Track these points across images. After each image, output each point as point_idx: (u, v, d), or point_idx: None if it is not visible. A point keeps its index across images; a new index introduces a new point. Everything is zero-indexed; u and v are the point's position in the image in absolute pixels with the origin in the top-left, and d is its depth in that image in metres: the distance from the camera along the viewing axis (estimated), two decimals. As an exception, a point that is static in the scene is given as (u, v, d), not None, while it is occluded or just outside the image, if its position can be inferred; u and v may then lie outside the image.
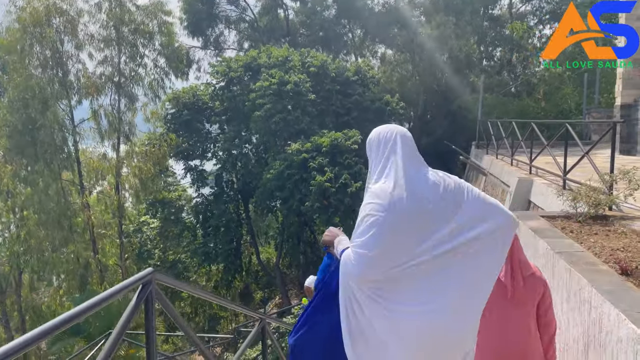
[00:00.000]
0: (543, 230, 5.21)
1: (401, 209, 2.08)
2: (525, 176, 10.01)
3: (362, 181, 15.32)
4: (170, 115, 20.42)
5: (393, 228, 2.07)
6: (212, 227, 19.33)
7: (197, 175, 20.79)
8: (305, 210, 14.99)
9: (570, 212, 5.90)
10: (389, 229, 2.07)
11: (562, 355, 4.08)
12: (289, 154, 16.08)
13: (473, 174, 18.07)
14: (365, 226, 2.10)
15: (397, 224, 2.08)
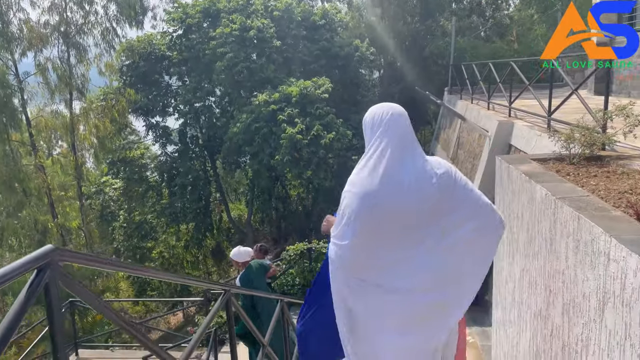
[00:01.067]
0: (538, 174, 4.70)
1: (377, 196, 2.06)
2: (504, 119, 9.53)
3: (335, 132, 14.66)
4: (125, 67, 19.00)
5: (369, 214, 2.06)
6: (179, 186, 18.47)
7: (160, 132, 19.68)
8: (276, 164, 14.28)
9: (563, 154, 5.40)
10: (365, 215, 2.06)
11: (568, 311, 3.64)
12: (255, 105, 15.16)
13: (446, 120, 17.60)
14: (341, 216, 2.12)
15: (373, 211, 2.05)
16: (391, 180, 2.08)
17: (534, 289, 4.46)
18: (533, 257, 4.47)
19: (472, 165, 11.76)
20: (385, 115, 2.21)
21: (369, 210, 2.06)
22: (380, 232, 2.07)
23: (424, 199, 2.10)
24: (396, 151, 2.14)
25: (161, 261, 20.09)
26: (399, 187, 2.08)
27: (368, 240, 2.08)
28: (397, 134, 2.18)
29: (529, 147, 7.85)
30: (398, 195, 2.08)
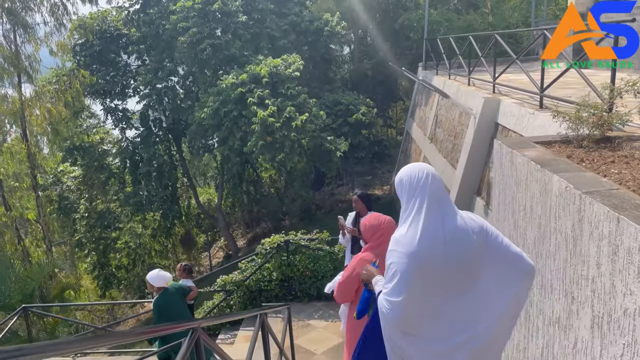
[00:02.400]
0: (550, 162, 4.13)
1: (423, 254, 2.28)
2: (490, 96, 8.98)
3: (307, 113, 13.89)
4: (78, 46, 17.60)
5: (417, 272, 2.28)
6: (143, 174, 17.39)
7: (120, 115, 18.46)
8: (248, 150, 13.44)
9: (570, 136, 4.86)
10: (412, 276, 2.28)
11: (600, 326, 3.11)
12: (222, 88, 14.17)
13: (422, 97, 17.05)
14: (391, 273, 2.34)
15: (420, 268, 2.28)
16: (433, 239, 2.30)
17: (549, 293, 3.93)
18: (547, 257, 3.93)
19: (453, 145, 11.25)
20: (421, 175, 2.42)
21: (416, 269, 2.27)
22: (427, 288, 2.29)
23: (464, 254, 2.33)
24: (435, 210, 2.35)
25: (127, 251, 19.11)
26: (441, 245, 2.30)
27: (417, 296, 2.29)
28: (435, 194, 2.39)
29: (519, 126, 7.33)
30: (441, 253, 2.30)
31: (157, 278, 5.57)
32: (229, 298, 8.40)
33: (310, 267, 8.25)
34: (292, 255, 8.31)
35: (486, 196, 8.43)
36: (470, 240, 2.34)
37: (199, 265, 22.73)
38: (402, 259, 2.28)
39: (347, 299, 3.97)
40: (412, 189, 2.41)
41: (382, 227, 3.81)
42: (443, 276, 2.29)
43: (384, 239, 3.65)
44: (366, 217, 3.92)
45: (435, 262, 2.27)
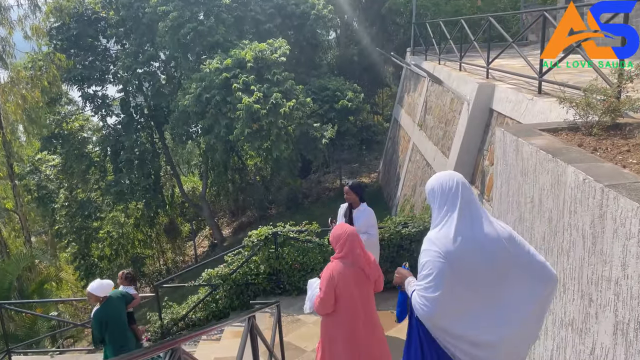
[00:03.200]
0: (562, 151, 3.84)
1: (457, 254, 2.39)
2: (483, 81, 8.68)
3: (294, 99, 13.45)
4: (55, 30, 16.82)
5: (450, 273, 2.39)
6: (125, 162, 16.81)
7: (100, 102, 17.77)
8: (234, 138, 12.96)
9: (578, 122, 4.57)
10: (447, 273, 2.38)
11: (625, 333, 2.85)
12: (206, 73, 13.63)
13: (410, 83, 16.72)
14: (427, 271, 2.43)
15: (453, 267, 2.39)
16: (465, 240, 2.42)
17: (561, 292, 3.66)
18: (560, 254, 3.66)
19: (444, 132, 10.97)
20: (452, 184, 2.56)
21: (450, 268, 2.38)
22: (461, 287, 2.40)
23: (494, 257, 2.44)
24: (467, 215, 2.48)
25: (109, 241, 18.58)
26: (474, 247, 2.43)
27: (451, 294, 2.39)
28: (466, 200, 2.53)
29: (517, 112, 7.04)
30: (474, 254, 2.42)
31: (100, 288, 5.40)
32: (215, 292, 8.06)
33: (300, 260, 7.94)
34: (281, 247, 7.98)
35: (480, 185, 8.17)
36: (500, 244, 2.47)
37: (184, 255, 22.31)
38: (437, 257, 2.40)
39: (329, 311, 4.05)
40: (445, 196, 2.55)
41: (342, 237, 4.01)
42: (474, 277, 2.42)
43: (349, 247, 3.98)
44: (334, 227, 4.21)
45: (467, 262, 2.40)
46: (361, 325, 4.08)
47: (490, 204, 7.58)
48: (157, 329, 8.06)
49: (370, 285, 4.14)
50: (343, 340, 4.09)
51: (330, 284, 3.98)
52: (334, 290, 3.98)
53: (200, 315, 8.10)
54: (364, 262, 4.02)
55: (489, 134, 8.23)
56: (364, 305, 4.09)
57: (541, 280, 2.55)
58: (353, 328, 4.07)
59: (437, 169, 10.81)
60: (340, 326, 4.07)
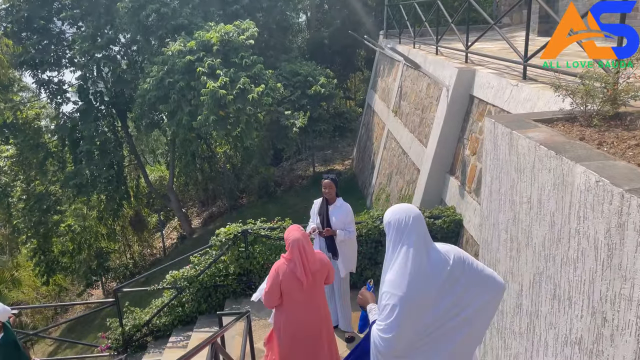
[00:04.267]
0: (565, 147, 3.40)
1: (412, 297, 2.59)
2: (463, 66, 8.25)
3: (264, 84, 12.77)
4: (3, 11, 15.57)
5: (407, 313, 2.59)
6: (84, 152, 15.82)
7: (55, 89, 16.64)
8: (198, 125, 12.21)
9: (575, 112, 4.16)
10: (404, 314, 2.58)
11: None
12: (168, 56, 12.78)
13: (384, 67, 16.23)
14: (386, 313, 2.62)
15: (410, 309, 2.60)
16: (420, 276, 2.63)
17: (565, 306, 3.26)
18: (564, 264, 3.25)
19: (420, 119, 10.54)
20: (408, 219, 2.73)
21: (409, 309, 2.59)
22: (417, 322, 2.63)
23: (445, 284, 2.69)
24: (421, 249, 2.70)
25: (71, 236, 17.62)
26: (427, 280, 2.65)
27: (408, 330, 2.62)
28: (420, 234, 2.72)
29: (500, 99, 6.64)
30: (427, 287, 2.64)
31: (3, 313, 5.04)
32: (181, 295, 7.48)
33: (272, 259, 7.41)
34: (251, 246, 7.44)
35: (461, 176, 7.78)
36: (453, 272, 2.71)
37: (152, 248, 21.48)
38: (395, 300, 2.58)
39: (274, 304, 4.46)
40: (401, 231, 2.70)
41: (289, 241, 4.40)
42: (431, 309, 2.63)
43: (292, 253, 4.36)
44: (288, 228, 4.55)
45: (423, 298, 2.61)
46: (307, 320, 4.45)
47: (472, 196, 7.21)
48: (118, 337, 7.45)
49: (317, 282, 4.46)
50: (290, 333, 4.47)
51: (275, 281, 4.32)
52: (279, 286, 4.32)
53: (166, 320, 7.53)
54: (301, 272, 4.31)
55: (469, 122, 7.82)
56: (308, 303, 4.43)
57: (492, 290, 2.86)
58: (299, 322, 4.44)
59: (414, 158, 10.40)
60: (287, 319, 4.45)
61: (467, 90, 7.89)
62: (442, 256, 2.73)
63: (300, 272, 4.29)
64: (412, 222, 2.71)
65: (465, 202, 7.32)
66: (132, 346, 7.46)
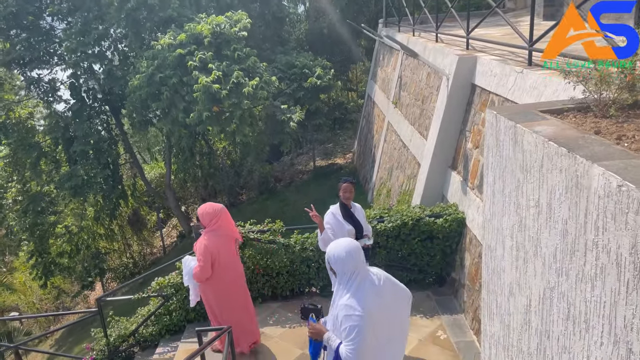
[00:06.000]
0: (578, 142, 2.92)
1: (369, 314, 3.14)
2: (464, 53, 7.72)
3: (258, 78, 12.26)
4: (-11, 7, 15.10)
5: (367, 328, 3.14)
6: (78, 153, 15.40)
7: (46, 87, 16.21)
8: (192, 122, 11.73)
9: (587, 101, 3.66)
10: (365, 330, 3.13)
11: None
12: (158, 50, 12.29)
13: (384, 57, 15.69)
14: (352, 334, 3.12)
15: (368, 325, 3.14)
16: (369, 296, 3.21)
17: (582, 329, 2.80)
18: (580, 281, 2.78)
19: (421, 110, 10.03)
20: (351, 251, 3.29)
21: (371, 324, 3.15)
22: (376, 334, 3.21)
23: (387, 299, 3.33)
24: (363, 274, 3.29)
25: (68, 237, 17.28)
26: (375, 299, 3.23)
27: (371, 343, 3.16)
28: (361, 261, 3.32)
29: (503, 87, 6.12)
30: (377, 305, 3.22)
31: None
32: (168, 303, 7.07)
33: (262, 264, 6.99)
34: (241, 250, 7.00)
35: (463, 170, 7.29)
36: (387, 288, 3.36)
37: (151, 247, 21.14)
38: (358, 320, 3.10)
39: (208, 276, 5.34)
40: (347, 262, 3.26)
41: (217, 213, 5.32)
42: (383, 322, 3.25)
43: (220, 223, 5.34)
44: (202, 206, 5.47)
45: (379, 314, 3.20)
46: (234, 280, 5.61)
47: (475, 193, 6.72)
48: (103, 347, 7.05)
49: (235, 246, 5.65)
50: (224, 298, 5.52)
51: (207, 254, 5.21)
52: (210, 258, 5.24)
53: (153, 330, 7.12)
54: (236, 231, 5.62)
55: (471, 113, 7.32)
56: (233, 265, 5.56)
57: (407, 302, 3.55)
58: (229, 284, 5.53)
59: (414, 151, 9.92)
60: (219, 286, 5.45)
61: (468, 79, 7.38)
62: (378, 277, 3.34)
63: (235, 232, 5.57)
64: (357, 252, 3.28)
65: (468, 199, 6.84)
66: (118, 357, 7.07)
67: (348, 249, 3.28)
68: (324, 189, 17.57)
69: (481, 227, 6.29)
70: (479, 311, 6.13)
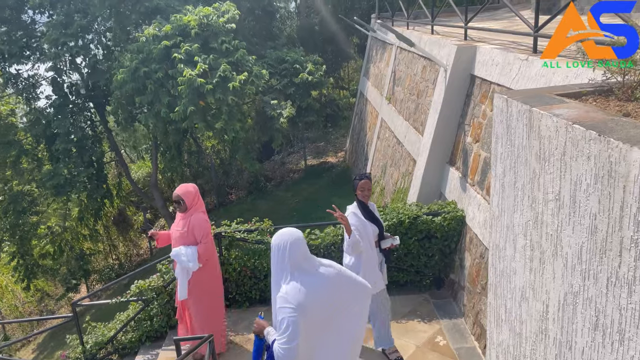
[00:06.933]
0: (608, 125, 2.53)
1: (306, 308, 3.04)
2: (462, 43, 7.35)
3: (247, 72, 11.82)
4: (-32, 0, 14.52)
5: (301, 321, 3.02)
6: (61, 151, 14.83)
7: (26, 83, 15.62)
8: (176, 117, 11.26)
9: (608, 84, 3.29)
10: (300, 325, 3.02)
11: None
12: (142, 43, 11.79)
13: (377, 52, 15.32)
14: (284, 326, 3.02)
15: (305, 320, 3.04)
16: (310, 289, 3.09)
17: (614, 341, 2.41)
18: (612, 285, 2.39)
19: (416, 105, 9.65)
20: (287, 243, 3.16)
21: (303, 318, 3.03)
22: (311, 330, 3.09)
23: (330, 293, 3.20)
24: (304, 265, 3.17)
25: (51, 238, 16.69)
26: (316, 292, 3.11)
27: (304, 338, 3.04)
28: (301, 253, 3.18)
29: (506, 77, 5.75)
30: (316, 299, 3.11)
31: None
32: (149, 308, 6.62)
33: (250, 265, 6.57)
34: (226, 251, 6.58)
35: (462, 166, 6.92)
36: (339, 281, 3.27)
37: (138, 248, 20.58)
38: (291, 312, 3.01)
39: (211, 254, 5.45)
40: (282, 253, 3.16)
41: (197, 192, 5.37)
42: (321, 317, 3.15)
43: (201, 202, 5.41)
44: (181, 186, 5.39)
45: (314, 308, 3.09)
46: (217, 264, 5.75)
47: (475, 189, 6.34)
48: (79, 355, 6.57)
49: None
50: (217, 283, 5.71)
51: (210, 231, 5.40)
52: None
53: (132, 336, 6.65)
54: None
55: (470, 106, 6.94)
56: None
57: (364, 296, 3.43)
58: (218, 267, 5.72)
59: (409, 148, 9.54)
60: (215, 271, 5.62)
61: (467, 70, 7.01)
62: (324, 268, 3.24)
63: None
64: (294, 244, 3.15)
65: (468, 196, 6.45)
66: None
67: (278, 236, 3.22)
68: (315, 188, 17.17)
69: (482, 226, 5.91)
70: (480, 315, 5.75)
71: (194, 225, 5.25)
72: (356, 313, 3.34)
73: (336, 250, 6.51)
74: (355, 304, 3.32)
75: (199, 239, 5.26)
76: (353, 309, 3.31)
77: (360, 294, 3.38)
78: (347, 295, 3.29)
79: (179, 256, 5.27)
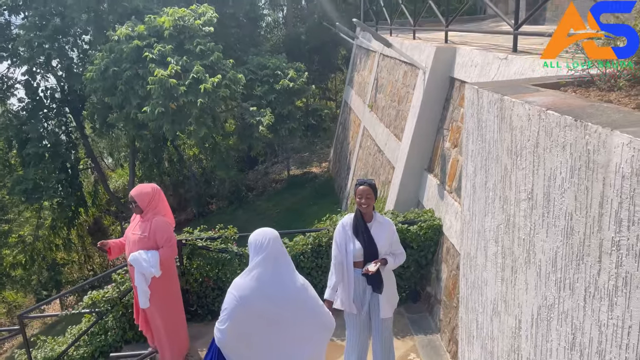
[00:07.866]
0: (586, 110, 2.19)
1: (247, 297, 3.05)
2: (442, 45, 7.06)
3: (221, 74, 11.44)
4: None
5: (241, 312, 3.05)
6: (31, 154, 14.28)
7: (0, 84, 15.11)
8: (145, 119, 10.81)
9: (591, 75, 2.96)
10: (237, 312, 3.05)
11: None
12: (114, 42, 11.40)
13: (360, 60, 15.08)
14: (224, 307, 3.12)
15: (245, 311, 3.06)
16: (266, 288, 3.08)
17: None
18: (593, 298, 2.01)
19: (396, 111, 9.35)
20: (265, 240, 3.13)
21: (243, 309, 3.05)
22: (249, 324, 3.09)
23: (286, 307, 3.11)
24: (274, 267, 3.11)
25: (22, 247, 16.04)
26: (271, 293, 3.09)
27: (240, 331, 3.09)
28: (274, 254, 3.13)
29: (486, 77, 5.44)
30: (266, 302, 3.08)
31: None
32: (102, 321, 6.13)
33: (212, 275, 6.13)
34: (188, 260, 6.15)
35: (440, 173, 6.58)
36: (292, 295, 3.13)
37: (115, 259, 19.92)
38: (233, 299, 3.05)
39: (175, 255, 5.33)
40: (257, 250, 3.11)
41: (155, 193, 5.04)
42: (268, 318, 3.09)
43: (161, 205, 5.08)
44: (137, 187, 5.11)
45: (258, 308, 3.06)
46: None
47: (452, 196, 5.99)
48: (26, 372, 6.06)
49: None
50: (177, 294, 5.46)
51: (172, 232, 5.14)
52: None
53: (85, 351, 6.16)
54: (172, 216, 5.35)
55: (449, 109, 6.63)
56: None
57: (322, 326, 3.25)
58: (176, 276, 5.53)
59: (389, 156, 9.21)
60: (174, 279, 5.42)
61: (446, 72, 6.71)
62: (292, 277, 3.16)
63: (172, 217, 5.30)
64: (268, 241, 3.12)
65: (446, 204, 6.10)
66: None
67: (255, 233, 3.20)
68: (297, 199, 16.76)
69: (459, 235, 5.56)
70: (456, 331, 5.36)
71: (156, 229, 4.91)
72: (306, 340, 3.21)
73: (305, 260, 6.12)
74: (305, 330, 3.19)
75: (161, 243, 4.94)
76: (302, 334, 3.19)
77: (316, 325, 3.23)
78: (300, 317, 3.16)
79: (138, 261, 4.89)
